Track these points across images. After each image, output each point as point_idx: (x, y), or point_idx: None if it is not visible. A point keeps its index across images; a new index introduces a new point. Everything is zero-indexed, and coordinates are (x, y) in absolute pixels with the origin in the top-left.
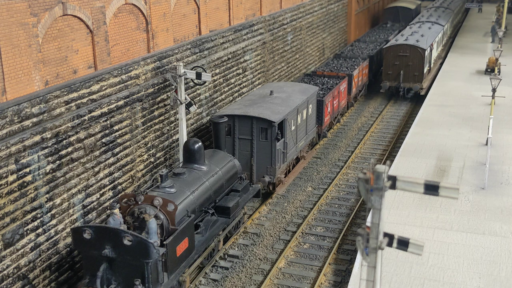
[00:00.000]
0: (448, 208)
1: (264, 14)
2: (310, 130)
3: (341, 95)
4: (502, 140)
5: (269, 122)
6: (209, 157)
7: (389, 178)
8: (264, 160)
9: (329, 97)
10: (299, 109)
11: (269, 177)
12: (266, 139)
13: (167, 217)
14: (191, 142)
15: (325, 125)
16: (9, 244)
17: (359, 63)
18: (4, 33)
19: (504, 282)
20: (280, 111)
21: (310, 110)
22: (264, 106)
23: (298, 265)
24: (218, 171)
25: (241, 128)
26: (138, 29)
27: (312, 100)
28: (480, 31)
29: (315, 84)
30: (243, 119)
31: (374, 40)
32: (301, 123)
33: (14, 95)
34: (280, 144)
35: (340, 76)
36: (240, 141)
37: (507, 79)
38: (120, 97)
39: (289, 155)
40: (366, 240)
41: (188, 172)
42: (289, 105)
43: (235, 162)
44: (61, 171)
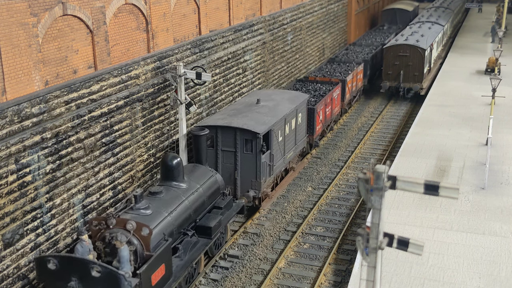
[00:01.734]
0: (448, 208)
1: (264, 14)
2: (299, 140)
3: (334, 102)
4: (502, 140)
5: (253, 134)
6: (189, 173)
7: (389, 178)
8: (248, 173)
9: (321, 105)
10: (287, 119)
11: (254, 191)
12: (250, 151)
13: (142, 242)
14: (169, 158)
15: (317, 134)
16: (9, 244)
17: (353, 68)
18: (4, 33)
19: (504, 282)
20: (265, 122)
21: (299, 119)
22: (250, 116)
23: (298, 265)
24: (198, 188)
25: (224, 139)
26: (138, 29)
27: (302, 109)
28: (480, 31)
29: (307, 90)
30: (226, 130)
31: (370, 44)
32: (290, 133)
33: (14, 95)
34: (265, 157)
35: (333, 82)
36: (223, 153)
37: (507, 79)
38: (120, 97)
39: (276, 167)
40: (366, 240)
41: (166, 190)
42: (276, 115)
43: (217, 177)
44: (61, 171)
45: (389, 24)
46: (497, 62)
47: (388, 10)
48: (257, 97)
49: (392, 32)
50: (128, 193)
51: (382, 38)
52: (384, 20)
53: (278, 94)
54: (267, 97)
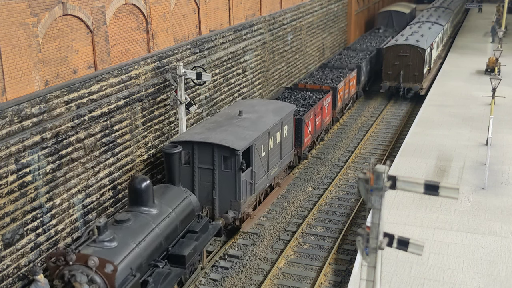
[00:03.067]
0: (448, 208)
1: (264, 14)
2: (286, 154)
3: (325, 111)
4: (502, 140)
5: (232, 150)
6: (160, 196)
7: (389, 178)
8: (227, 193)
9: (309, 115)
10: (270, 133)
11: (233, 212)
12: (229, 169)
13: (106, 280)
14: (137, 181)
15: (305, 146)
16: (9, 244)
17: (346, 74)
18: (4, 33)
19: (504, 282)
20: (246, 137)
21: (285, 132)
22: (229, 130)
23: (298, 265)
24: (170, 213)
25: (201, 156)
26: (138, 29)
27: (288, 121)
28: (480, 31)
29: (295, 99)
30: (203, 147)
31: (364, 48)
32: (274, 147)
33: (14, 95)
34: (246, 175)
35: (323, 90)
36: (200, 170)
37: (507, 79)
38: (120, 97)
39: (258, 185)
40: (366, 240)
41: (134, 217)
42: (259, 129)
43: (191, 199)
44: (61, 171)
45: (385, 27)
46: (497, 62)
47: (384, 12)
48: (239, 109)
49: (388, 36)
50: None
51: (377, 42)
52: (380, 23)
53: (263, 105)
54: (250, 108)
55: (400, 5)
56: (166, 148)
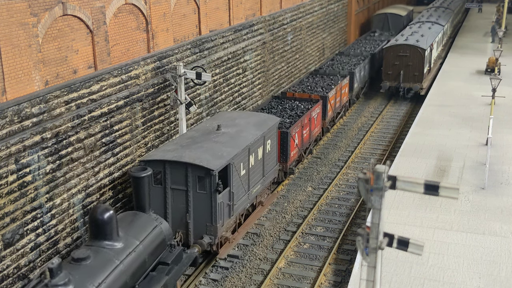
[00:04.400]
0: (448, 208)
1: (264, 14)
2: (269, 170)
3: (314, 122)
4: (502, 140)
5: (207, 170)
6: (126, 227)
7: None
8: (202, 216)
9: (296, 128)
10: (251, 149)
11: (209, 237)
12: (204, 190)
13: None
14: (99, 211)
15: (292, 160)
16: (9, 244)
17: (337, 81)
18: (4, 33)
19: (504, 282)
20: (223, 154)
21: (268, 147)
22: (206, 146)
23: (298, 265)
24: (138, 246)
25: (173, 176)
26: (138, 29)
27: (271, 135)
28: (480, 31)
29: (283, 109)
30: (175, 166)
31: (358, 54)
32: (256, 164)
33: (14, 95)
34: (223, 196)
35: (313, 100)
36: (173, 192)
37: (507, 79)
38: (120, 97)
39: (237, 206)
40: (366, 240)
41: (94, 254)
42: (238, 145)
43: (162, 227)
44: (61, 171)
45: (380, 30)
46: (497, 62)
47: (380, 15)
48: (218, 122)
49: (383, 40)
50: (128, 193)
51: (372, 46)
52: (375, 26)
53: (244, 118)
54: (230, 121)
55: (397, 7)
56: (133, 171)
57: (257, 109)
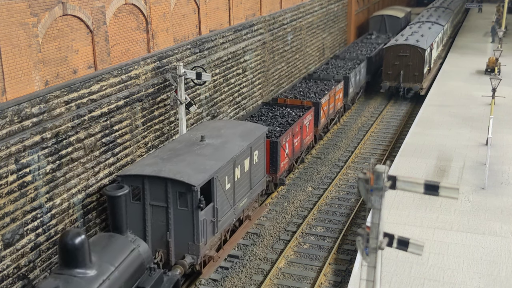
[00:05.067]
0: (448, 208)
1: (264, 14)
2: (256, 182)
3: (305, 130)
4: (502, 140)
5: (187, 186)
6: (100, 251)
7: (389, 178)
8: (184, 234)
9: (286, 136)
10: (236, 161)
11: (191, 257)
12: (185, 207)
13: None
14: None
15: (282, 171)
16: (9, 244)
17: (331, 86)
18: (4, 33)
19: (504, 282)
20: (206, 168)
21: (255, 158)
22: (187, 160)
23: (298, 265)
24: (113, 272)
25: (153, 192)
26: (138, 29)
27: (258, 145)
28: (480, 31)
29: (273, 116)
30: (155, 181)
31: (353, 57)
32: (242, 177)
33: (14, 95)
34: (206, 213)
35: (305, 106)
36: (152, 208)
37: (507, 79)
38: (120, 97)
39: (222, 223)
40: (366, 240)
41: (64, 284)
42: (222, 157)
43: (140, 250)
44: (61, 171)
45: (377, 33)
46: (497, 62)
47: (377, 17)
48: (202, 133)
49: (380, 43)
50: None
51: (368, 50)
52: (372, 28)
53: (230, 128)
54: (215, 132)
55: (394, 8)
56: (109, 190)
57: (246, 116)
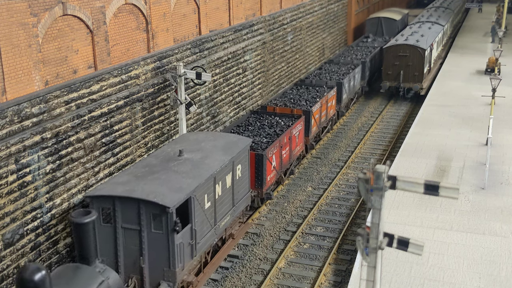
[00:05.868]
0: (448, 208)
1: (264, 14)
2: (240, 198)
3: (294, 141)
4: (502, 140)
5: (162, 207)
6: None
7: (389, 178)
8: (159, 259)
9: (274, 148)
10: (217, 177)
11: (167, 284)
12: (160, 230)
13: None
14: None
15: (268, 185)
16: (9, 244)
17: (323, 93)
18: (4, 33)
19: (504, 282)
20: (183, 186)
21: (239, 173)
22: (163, 178)
23: (298, 265)
24: None
25: (125, 214)
26: (138, 29)
27: (242, 158)
28: (480, 31)
29: (261, 126)
30: (127, 202)
31: (348, 62)
32: (224, 194)
33: (14, 95)
34: (183, 236)
35: (294, 115)
36: (124, 231)
37: (507, 79)
38: (120, 97)
39: (201, 245)
40: (366, 240)
41: None
42: (201, 174)
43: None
44: (61, 171)
45: (374, 36)
46: (497, 62)
47: (373, 19)
48: (181, 146)
49: (376, 47)
50: None
51: (364, 54)
52: (368, 31)
53: (211, 141)
54: (195, 145)
55: (391, 10)
56: (74, 216)
57: (233, 126)
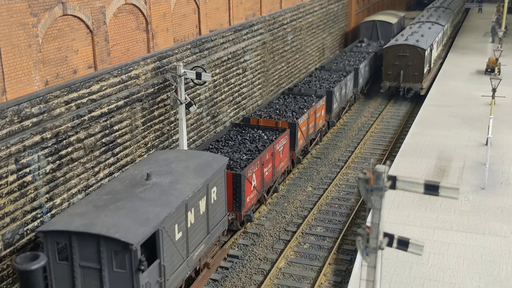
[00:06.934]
0: (448, 208)
1: (264, 14)
2: (216, 224)
3: (278, 156)
4: (502, 140)
5: (124, 244)
6: None
7: (389, 178)
8: None
9: (254, 167)
10: (189, 204)
11: None
12: (123, 268)
13: None
14: None
15: (248, 207)
16: (9, 244)
17: (311, 103)
18: (4, 33)
19: (504, 282)
20: (150, 218)
21: (214, 196)
22: (127, 207)
23: (298, 265)
24: None
25: (83, 251)
26: (138, 29)
27: (217, 180)
28: (480, 31)
29: (242, 140)
30: (85, 238)
31: (340, 68)
32: (197, 221)
33: (14, 95)
34: (149, 274)
35: (279, 129)
36: (83, 270)
37: (507, 79)
38: (120, 97)
39: (171, 281)
40: (366, 240)
41: None
42: (171, 202)
43: None
44: (61, 171)
45: (368, 40)
46: (497, 62)
47: (368, 22)
48: (149, 169)
49: (371, 52)
50: None
51: (357, 60)
52: (363, 35)
53: (182, 161)
54: (165, 166)
55: (387, 13)
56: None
57: (212, 140)
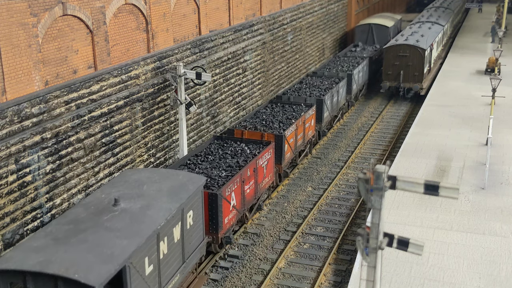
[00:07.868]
0: (448, 208)
1: (264, 14)
2: (192, 250)
3: (262, 172)
4: (502, 140)
5: (85, 287)
6: None
7: (389, 178)
8: None
9: (232, 185)
10: (161, 233)
11: None
12: None
13: None
14: None
15: (226, 229)
16: (9, 244)
17: (300, 113)
18: (4, 33)
19: (504, 282)
20: (114, 254)
21: (190, 220)
22: (91, 239)
23: (298, 265)
24: None
25: None
26: (138, 29)
27: (193, 203)
28: (480, 31)
29: (223, 155)
30: (40, 279)
31: (333, 74)
32: (171, 251)
33: (14, 95)
34: None
35: (263, 142)
36: None
37: (507, 79)
38: (120, 97)
39: None
40: (366, 240)
41: None
42: (140, 232)
43: None
44: (61, 171)
45: (363, 44)
46: (497, 62)
47: (363, 26)
48: (117, 193)
49: (366, 57)
50: None
51: (350, 65)
52: (358, 38)
53: (155, 183)
54: (135, 188)
55: (383, 16)
56: None
57: (190, 155)
